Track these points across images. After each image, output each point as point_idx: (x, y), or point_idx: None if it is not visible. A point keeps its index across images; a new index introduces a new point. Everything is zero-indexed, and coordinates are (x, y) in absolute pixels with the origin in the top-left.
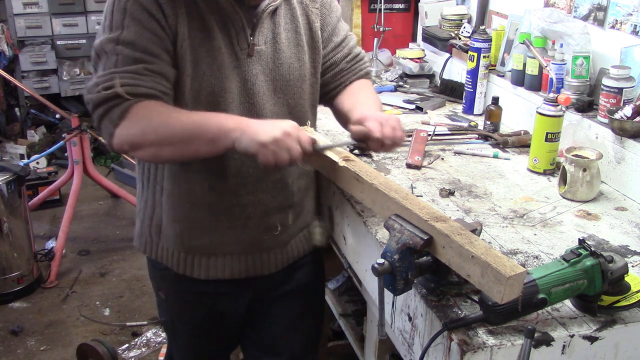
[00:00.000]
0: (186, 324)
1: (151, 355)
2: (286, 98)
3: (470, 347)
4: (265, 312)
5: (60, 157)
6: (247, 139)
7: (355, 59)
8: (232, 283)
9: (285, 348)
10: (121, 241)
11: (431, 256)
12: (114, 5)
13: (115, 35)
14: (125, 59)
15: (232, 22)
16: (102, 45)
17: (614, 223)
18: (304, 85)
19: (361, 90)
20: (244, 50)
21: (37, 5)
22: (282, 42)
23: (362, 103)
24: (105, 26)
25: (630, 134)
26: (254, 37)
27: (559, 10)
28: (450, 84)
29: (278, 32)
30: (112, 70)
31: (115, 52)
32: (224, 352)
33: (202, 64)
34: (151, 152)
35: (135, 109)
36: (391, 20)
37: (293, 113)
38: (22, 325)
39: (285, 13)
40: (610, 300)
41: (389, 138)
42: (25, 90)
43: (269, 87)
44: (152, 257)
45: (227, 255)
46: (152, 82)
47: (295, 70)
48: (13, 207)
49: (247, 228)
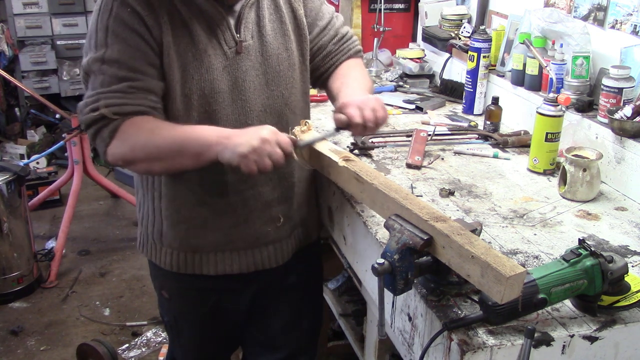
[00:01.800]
0: (190, 322)
1: (151, 355)
2: (280, 89)
3: (470, 347)
4: (268, 306)
5: (60, 157)
6: (228, 152)
7: (343, 39)
8: (238, 278)
9: (285, 343)
10: (121, 241)
11: (431, 256)
12: (97, 24)
13: (100, 54)
14: (110, 79)
15: (216, 23)
16: (89, 64)
17: (614, 223)
18: (294, 74)
19: (349, 71)
20: (232, 48)
21: (37, 5)
22: (268, 34)
23: (347, 85)
24: (91, 45)
25: (630, 134)
26: (240, 33)
27: (559, 10)
28: (450, 84)
29: (263, 24)
30: (98, 90)
31: (101, 71)
32: (225, 352)
33: (190, 69)
34: (143, 167)
35: (123, 127)
36: (391, 20)
37: (288, 104)
38: (22, 325)
39: (269, 4)
40: (610, 300)
41: (371, 121)
42: (25, 90)
43: (260, 81)
44: (157, 262)
45: (233, 251)
46: (139, 99)
47: (284, 60)
48: (13, 207)
49: (250, 222)
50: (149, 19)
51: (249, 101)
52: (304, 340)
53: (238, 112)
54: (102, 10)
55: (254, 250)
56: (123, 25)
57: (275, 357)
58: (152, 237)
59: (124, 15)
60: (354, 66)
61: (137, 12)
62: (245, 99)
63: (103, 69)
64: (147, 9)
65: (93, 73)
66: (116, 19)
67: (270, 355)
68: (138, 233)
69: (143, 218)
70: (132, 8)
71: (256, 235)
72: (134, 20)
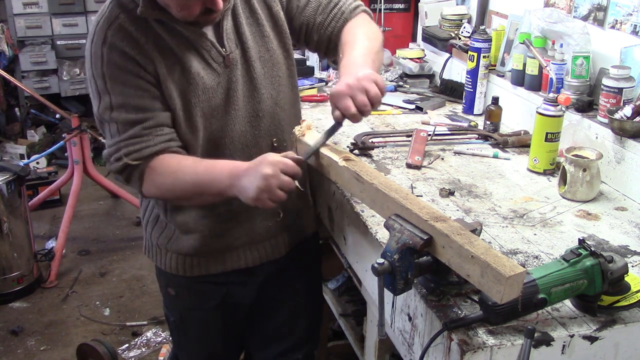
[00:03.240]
0: (197, 318)
1: (151, 355)
2: (268, 91)
3: (470, 347)
4: (273, 298)
5: (60, 157)
6: (242, 196)
7: (329, 5)
8: (244, 271)
9: (290, 333)
10: (121, 241)
11: (431, 256)
12: (93, 72)
13: (107, 102)
14: (123, 125)
15: (200, 45)
16: (101, 114)
17: (614, 223)
18: (279, 72)
19: (347, 39)
20: (220, 64)
21: (37, 5)
22: (248, 39)
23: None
24: (94, 94)
25: (630, 134)
26: (225, 46)
27: (559, 10)
28: (450, 84)
29: (242, 31)
30: (116, 139)
31: (112, 119)
32: (230, 356)
33: (188, 94)
34: (176, 203)
35: (148, 170)
36: (391, 20)
37: (278, 102)
38: (22, 325)
39: (244, 8)
40: (610, 300)
41: (365, 105)
42: (25, 90)
43: (249, 88)
44: (162, 267)
45: (239, 247)
46: (154, 139)
47: (267, 61)
48: (13, 207)
49: (253, 221)
50: (140, 57)
51: (242, 109)
52: (308, 330)
53: (234, 122)
54: (93, 58)
55: (257, 245)
56: (118, 69)
57: (281, 348)
58: (157, 242)
59: (116, 59)
60: (351, 31)
61: (126, 53)
62: (238, 107)
63: (114, 117)
64: (135, 48)
65: (106, 122)
66: (109, 64)
67: (276, 346)
68: (144, 238)
69: (148, 224)
70: (121, 50)
71: (259, 231)
72: (126, 62)
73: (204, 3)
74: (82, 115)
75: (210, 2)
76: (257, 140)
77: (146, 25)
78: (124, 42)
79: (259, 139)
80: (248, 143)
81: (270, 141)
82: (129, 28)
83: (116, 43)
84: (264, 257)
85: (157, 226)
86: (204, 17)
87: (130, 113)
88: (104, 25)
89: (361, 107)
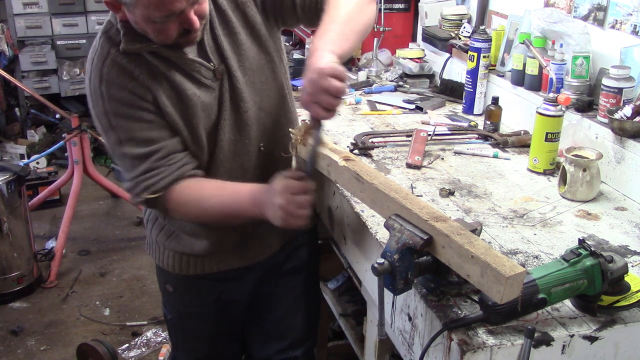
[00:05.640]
0: (194, 316)
1: (151, 355)
2: (252, 98)
3: (470, 347)
4: (270, 293)
5: (60, 157)
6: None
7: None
8: (241, 267)
9: (290, 329)
10: (121, 241)
11: (431, 256)
12: (96, 110)
13: (115, 138)
14: (135, 160)
15: (189, 66)
16: (114, 151)
17: (614, 223)
18: (262, 77)
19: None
20: (211, 79)
21: (37, 5)
22: (226, 50)
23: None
24: (102, 131)
25: (630, 134)
26: (212, 61)
27: (559, 10)
28: (450, 84)
29: (219, 42)
30: (133, 175)
31: (124, 155)
32: (226, 355)
33: (189, 116)
34: None
35: (169, 200)
36: (391, 20)
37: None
38: (22, 325)
39: (220, 21)
40: (610, 300)
41: (331, 105)
42: (25, 90)
43: (234, 98)
44: (160, 264)
45: (234, 248)
46: (167, 169)
47: (247, 69)
48: (13, 207)
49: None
50: (137, 89)
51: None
52: (306, 327)
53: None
54: (93, 97)
55: (250, 244)
56: (119, 105)
57: (279, 345)
58: (156, 238)
59: (115, 95)
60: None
61: (124, 87)
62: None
63: (125, 152)
64: (132, 81)
65: (120, 158)
66: (110, 100)
67: (275, 343)
68: (147, 236)
69: (148, 221)
70: (119, 85)
71: (251, 232)
72: (125, 97)
73: (180, 24)
74: (82, 115)
75: (186, 22)
76: (247, 148)
77: (137, 55)
78: (120, 77)
79: (249, 146)
80: (238, 151)
81: (257, 147)
82: (121, 62)
83: (113, 79)
84: (259, 255)
85: (157, 224)
86: (184, 39)
87: (140, 147)
88: (98, 64)
89: (328, 107)
